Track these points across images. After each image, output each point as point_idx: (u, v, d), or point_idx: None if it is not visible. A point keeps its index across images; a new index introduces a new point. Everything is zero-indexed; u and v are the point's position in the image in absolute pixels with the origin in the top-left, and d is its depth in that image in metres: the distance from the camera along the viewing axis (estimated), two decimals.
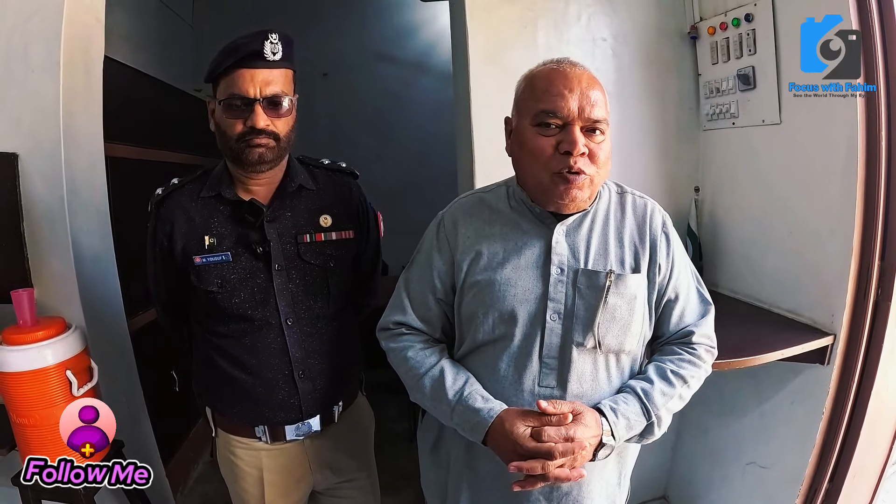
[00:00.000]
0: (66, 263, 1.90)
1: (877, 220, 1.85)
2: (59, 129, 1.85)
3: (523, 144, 1.29)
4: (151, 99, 3.13)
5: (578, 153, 1.22)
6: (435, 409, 1.37)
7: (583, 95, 1.23)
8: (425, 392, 1.36)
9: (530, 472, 1.18)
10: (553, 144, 1.24)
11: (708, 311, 1.44)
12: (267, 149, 1.46)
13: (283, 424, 1.63)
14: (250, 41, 1.40)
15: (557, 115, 1.23)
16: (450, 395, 1.32)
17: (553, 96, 1.24)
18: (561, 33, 2.30)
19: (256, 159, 1.46)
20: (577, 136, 1.22)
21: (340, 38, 4.73)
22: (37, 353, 1.66)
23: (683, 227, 2.45)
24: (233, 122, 1.44)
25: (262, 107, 1.43)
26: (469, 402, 1.29)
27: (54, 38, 1.83)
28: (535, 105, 1.26)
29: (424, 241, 1.47)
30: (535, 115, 1.26)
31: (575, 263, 1.32)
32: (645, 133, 2.46)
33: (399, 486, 2.90)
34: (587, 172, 1.24)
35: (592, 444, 1.22)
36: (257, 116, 1.42)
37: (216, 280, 1.54)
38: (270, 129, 1.45)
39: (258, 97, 1.42)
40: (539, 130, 1.26)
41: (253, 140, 1.44)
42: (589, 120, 1.23)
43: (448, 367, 1.36)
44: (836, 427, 2.01)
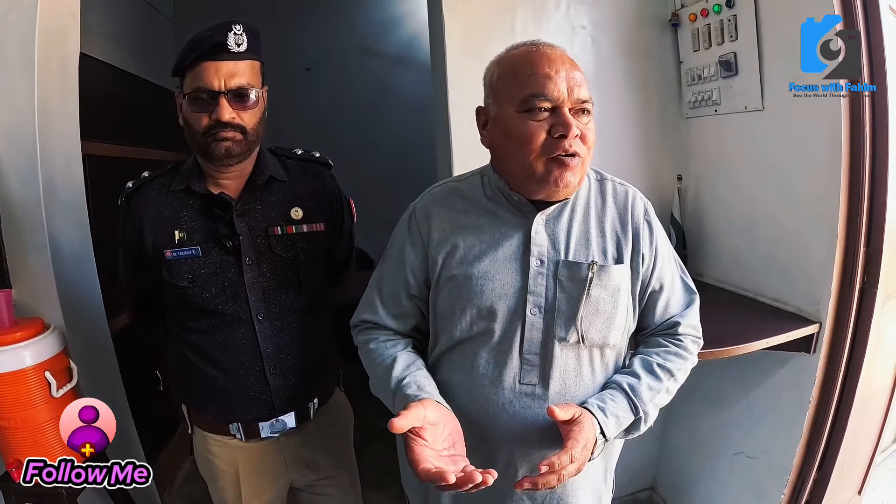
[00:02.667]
0: (44, 263, 1.88)
1: (862, 206, 1.83)
2: (35, 128, 1.82)
3: (510, 133, 1.23)
4: (130, 96, 3.10)
5: (574, 135, 1.18)
6: (385, 399, 1.33)
7: (568, 76, 1.20)
8: (375, 381, 1.34)
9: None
10: (545, 128, 1.20)
11: (693, 300, 1.42)
12: (234, 142, 1.44)
13: (256, 421, 1.62)
14: (214, 33, 1.38)
15: (547, 98, 1.19)
16: (392, 384, 1.28)
17: (540, 79, 1.19)
18: (539, 22, 2.27)
19: (223, 153, 1.44)
20: (570, 118, 1.19)
21: (323, 32, 4.71)
22: (15, 355, 1.64)
23: (667, 217, 2.43)
24: (198, 116, 1.43)
25: (228, 99, 1.41)
26: (405, 390, 1.24)
27: (29, 35, 1.80)
28: (521, 90, 1.21)
29: (396, 234, 1.43)
30: (523, 101, 1.21)
31: (555, 255, 1.28)
32: (626, 122, 2.44)
33: (385, 483, 2.90)
34: (580, 154, 1.21)
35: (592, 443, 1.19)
36: (222, 109, 1.40)
37: (187, 275, 1.53)
38: (236, 121, 1.43)
39: (223, 90, 1.40)
40: (528, 116, 1.21)
41: (219, 134, 1.42)
42: (577, 101, 1.20)
43: (402, 357, 1.33)
44: (824, 416, 2.01)
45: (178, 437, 3.24)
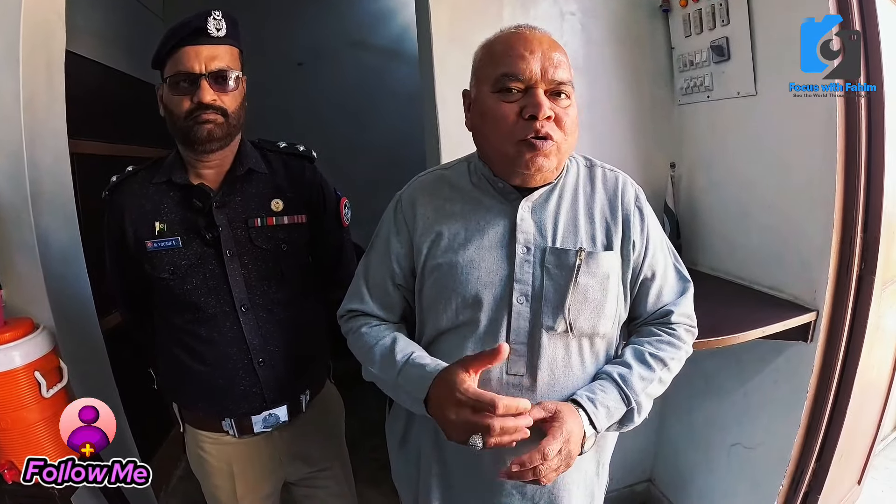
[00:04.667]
0: (32, 263, 1.86)
1: (858, 191, 1.81)
2: (21, 127, 1.80)
3: (484, 113, 1.23)
4: (119, 93, 3.08)
5: (544, 116, 1.15)
6: (382, 376, 1.30)
7: (545, 57, 1.17)
8: (375, 361, 1.31)
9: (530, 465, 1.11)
10: (516, 110, 1.18)
11: (687, 288, 1.39)
12: (215, 125, 1.44)
13: (248, 415, 1.61)
14: (194, 19, 1.40)
15: (519, 77, 1.17)
16: (398, 356, 1.26)
17: (513, 59, 1.18)
18: (527, 9, 2.25)
19: (206, 136, 1.44)
20: (541, 98, 1.16)
21: (314, 26, 4.69)
22: (4, 356, 1.63)
23: (660, 205, 2.41)
24: (179, 100, 1.43)
25: (209, 82, 1.42)
26: (417, 361, 1.24)
27: (13, 34, 1.78)
28: (495, 70, 1.20)
29: (382, 224, 1.42)
30: (496, 81, 1.20)
31: (542, 241, 1.26)
32: (617, 110, 2.41)
33: (380, 479, 2.87)
34: (554, 138, 1.18)
35: (579, 438, 1.17)
36: (203, 91, 1.41)
37: (168, 266, 1.53)
38: (218, 104, 1.43)
39: (203, 72, 1.41)
40: (500, 97, 1.19)
41: (200, 116, 1.42)
42: (553, 82, 1.18)
43: (402, 337, 1.32)
44: (822, 405, 1.99)
45: (174, 435, 3.23)
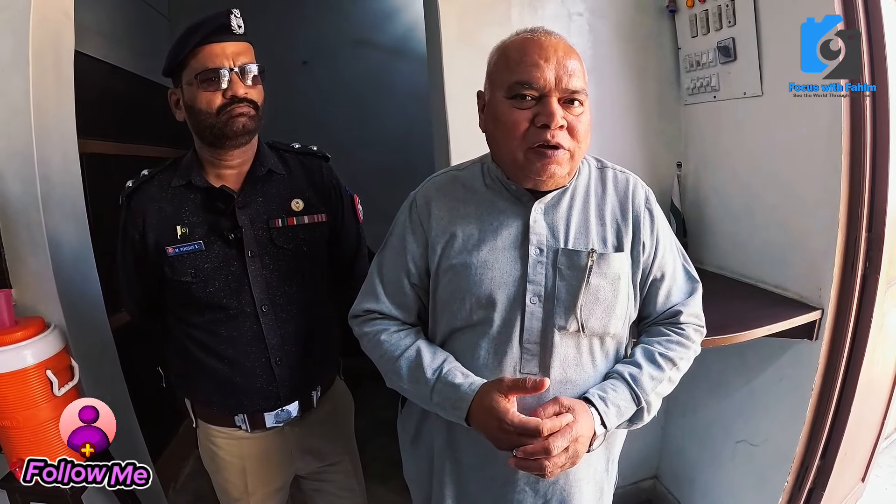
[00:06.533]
0: (43, 262, 1.87)
1: (863, 190, 1.81)
2: (31, 127, 1.81)
3: (497, 118, 1.23)
4: (127, 93, 3.09)
5: (556, 126, 1.17)
6: (413, 391, 1.32)
7: (559, 65, 1.17)
8: (402, 374, 1.31)
9: (533, 456, 1.14)
10: (529, 118, 1.19)
11: (695, 289, 1.41)
12: (248, 118, 1.46)
13: (262, 412, 1.63)
14: (216, 17, 1.41)
15: (533, 86, 1.18)
16: (428, 373, 1.27)
17: (528, 66, 1.18)
18: (535, 9, 2.25)
19: (241, 129, 1.45)
20: (554, 107, 1.17)
21: (320, 24, 4.69)
22: (16, 354, 1.64)
23: (667, 204, 2.41)
24: (209, 97, 1.43)
25: (238, 76, 1.43)
26: (449, 378, 1.25)
27: (22, 34, 1.79)
28: (509, 76, 1.20)
29: (397, 222, 1.42)
30: (510, 87, 1.20)
31: (554, 243, 1.27)
32: (624, 109, 2.42)
33: (389, 476, 2.90)
34: (566, 147, 1.19)
35: (588, 437, 1.19)
36: (236, 85, 1.43)
37: (190, 270, 1.53)
38: (250, 96, 1.45)
39: (233, 67, 1.42)
40: (514, 103, 1.20)
41: (234, 109, 1.43)
42: (567, 91, 1.18)
43: (425, 347, 1.32)
44: (826, 403, 2.00)
45: (182, 432, 3.25)
